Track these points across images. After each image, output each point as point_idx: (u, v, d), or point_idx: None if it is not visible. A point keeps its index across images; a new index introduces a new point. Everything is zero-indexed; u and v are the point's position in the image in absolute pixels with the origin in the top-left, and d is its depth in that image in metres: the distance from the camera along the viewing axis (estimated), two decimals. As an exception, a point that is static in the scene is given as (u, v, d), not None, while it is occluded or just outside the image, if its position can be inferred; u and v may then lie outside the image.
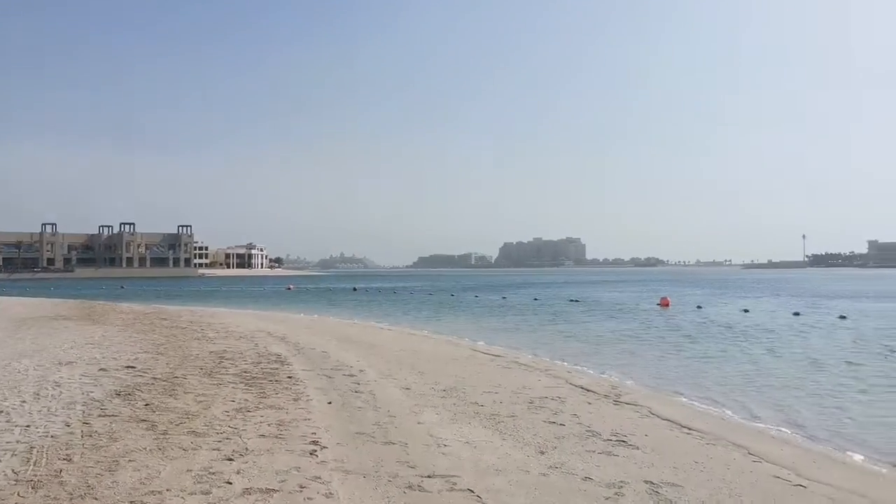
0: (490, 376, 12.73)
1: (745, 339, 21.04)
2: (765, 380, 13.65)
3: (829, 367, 15.19)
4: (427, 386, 11.05)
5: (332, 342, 17.50)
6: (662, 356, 17.43)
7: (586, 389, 11.70)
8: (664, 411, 9.96)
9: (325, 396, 9.33)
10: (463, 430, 7.91)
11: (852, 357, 16.86)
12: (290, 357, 13.50)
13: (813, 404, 11.26)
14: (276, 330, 20.38)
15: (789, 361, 16.23)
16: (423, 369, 13.12)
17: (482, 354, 16.70)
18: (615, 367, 15.46)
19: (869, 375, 14.10)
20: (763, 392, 12.39)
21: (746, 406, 11.16)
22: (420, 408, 9.06)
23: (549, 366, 15.22)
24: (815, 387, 12.83)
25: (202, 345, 15.16)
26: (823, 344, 19.82)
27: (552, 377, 13.17)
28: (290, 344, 16.23)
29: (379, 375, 11.86)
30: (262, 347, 14.95)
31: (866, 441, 8.89)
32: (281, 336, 18.26)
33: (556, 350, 18.97)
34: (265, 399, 8.85)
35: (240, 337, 17.43)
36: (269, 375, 10.88)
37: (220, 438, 6.82)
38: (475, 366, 14.22)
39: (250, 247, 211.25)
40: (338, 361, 13.42)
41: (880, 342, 20.09)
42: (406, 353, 16.01)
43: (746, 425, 9.66)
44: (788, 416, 10.37)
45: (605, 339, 21.78)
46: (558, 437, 7.84)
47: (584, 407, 10.00)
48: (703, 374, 14.43)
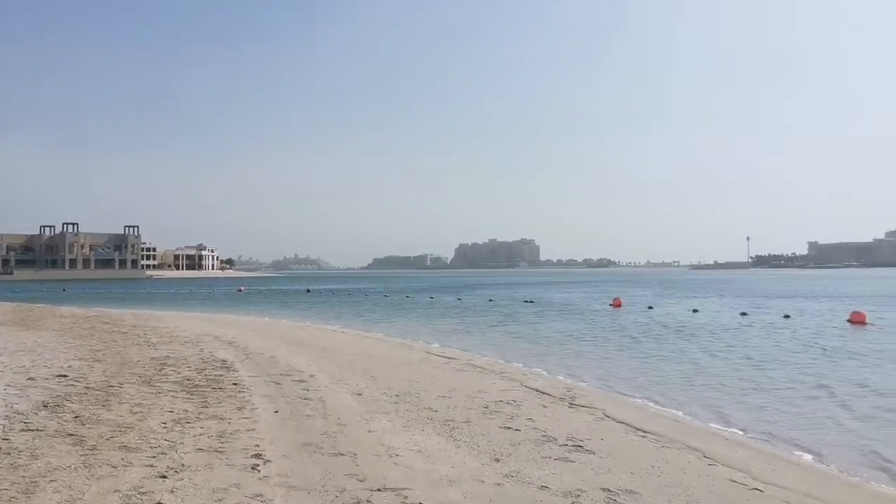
0: (444, 380, 12.48)
1: (695, 340, 21.36)
2: (715, 380, 13.78)
3: (776, 367, 15.47)
4: (379, 391, 10.72)
5: (283, 346, 16.97)
6: (616, 357, 17.49)
7: (541, 392, 11.55)
8: (619, 414, 9.87)
9: (272, 405, 8.91)
10: (416, 438, 7.62)
11: (797, 356, 17.24)
12: (237, 363, 12.97)
13: (762, 404, 11.37)
14: (223, 334, 19.69)
15: (738, 361, 16.48)
16: (376, 373, 12.77)
17: (436, 357, 16.44)
18: (570, 369, 15.42)
19: (812, 374, 14.39)
20: (714, 392, 12.47)
21: (699, 407, 11.19)
22: (372, 415, 8.74)
23: (504, 368, 15.06)
24: (764, 386, 13.00)
25: (143, 351, 14.45)
26: (770, 343, 20.26)
27: (507, 380, 12.99)
28: (238, 348, 15.65)
29: (330, 381, 11.46)
30: (207, 353, 14.35)
31: (816, 441, 8.96)
32: (229, 340, 17.62)
33: (510, 352, 18.85)
34: (207, 409, 8.38)
35: (185, 342, 16.73)
36: (213, 383, 10.37)
37: (155, 453, 6.36)
38: (429, 369, 13.94)
39: (200, 248, 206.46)
40: (287, 366, 12.95)
41: (820, 341, 20.65)
42: (359, 356, 15.63)
43: (700, 427, 9.65)
44: (740, 417, 10.42)
45: (559, 340, 21.81)
46: (514, 444, 7.62)
47: (540, 410, 9.83)
48: (656, 375, 14.50)
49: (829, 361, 16.26)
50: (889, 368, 15.13)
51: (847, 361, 16.26)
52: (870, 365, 15.64)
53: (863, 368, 15.13)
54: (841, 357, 17.04)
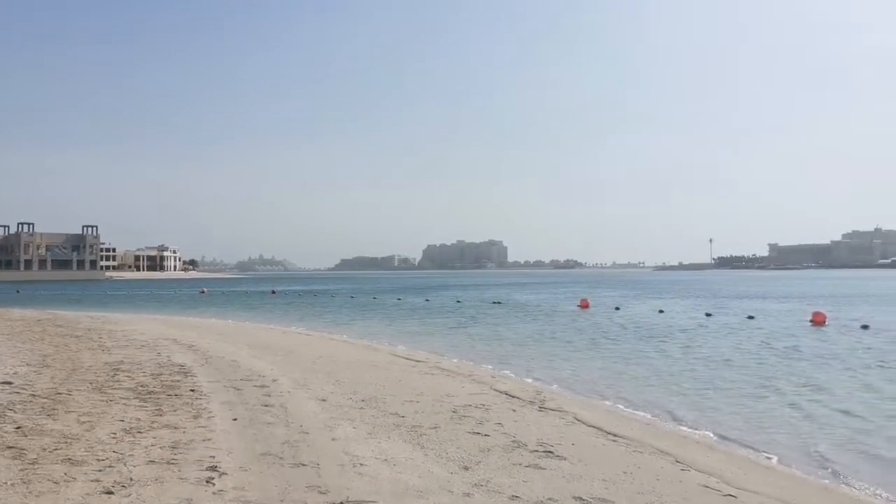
0: (411, 383, 12.20)
1: (663, 340, 21.45)
2: (683, 381, 13.76)
3: (744, 369, 15.55)
4: (344, 396, 10.38)
5: (245, 349, 16.47)
6: (584, 359, 17.42)
7: (510, 395, 11.35)
8: (589, 417, 9.72)
9: (231, 412, 8.51)
10: (382, 446, 7.32)
11: (762, 357, 17.39)
12: (196, 367, 12.48)
13: (730, 406, 11.34)
14: (183, 337, 19.08)
15: (705, 362, 16.54)
16: (341, 377, 12.43)
17: (403, 360, 16.14)
18: (539, 372, 15.27)
19: (778, 375, 14.49)
20: (682, 394, 12.43)
21: (668, 409, 11.12)
22: (336, 421, 8.41)
23: (473, 370, 14.84)
24: (732, 388, 13.01)
25: (96, 355, 13.84)
26: (734, 344, 20.43)
27: (476, 383, 12.77)
28: (198, 352, 15.11)
29: (293, 385, 11.08)
30: (164, 357, 13.80)
31: (785, 444, 8.92)
32: (188, 344, 17.04)
33: (479, 354, 18.65)
34: (161, 417, 7.95)
35: (141, 346, 16.12)
36: (169, 389, 9.90)
37: (102, 467, 5.94)
38: (396, 372, 13.64)
39: (162, 248, 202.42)
40: (249, 371, 12.51)
41: (784, 343, 20.92)
42: (324, 359, 15.24)
43: (670, 430, 9.55)
44: (709, 419, 10.37)
45: (527, 342, 21.69)
46: (483, 450, 7.38)
47: (509, 415, 9.62)
48: (625, 377, 14.44)
49: (795, 363, 16.42)
50: (849, 369, 15.32)
51: (808, 362, 16.44)
52: (834, 367, 15.84)
53: (824, 369, 15.30)
54: (807, 358, 17.23)
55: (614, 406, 11.29)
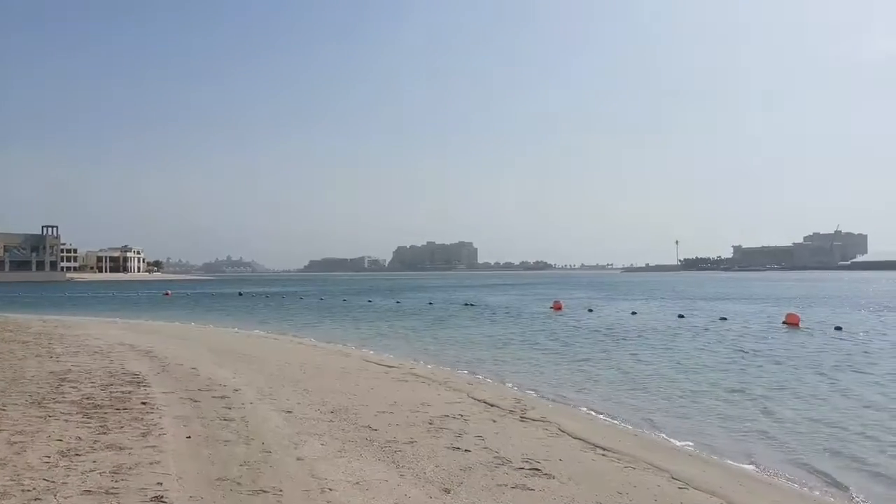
0: (384, 392, 11.50)
1: (639, 344, 21.05)
2: (666, 386, 13.29)
3: (722, 372, 15.17)
4: (312, 407, 9.64)
5: (206, 355, 15.56)
6: (562, 363, 16.88)
7: (490, 404, 10.73)
8: (575, 428, 9.14)
9: (185, 428, 7.71)
10: (353, 466, 6.62)
11: (740, 360, 17.07)
12: (151, 376, 11.58)
13: (719, 413, 10.88)
14: (141, 343, 18.04)
15: (682, 366, 16.13)
16: (309, 386, 11.66)
17: (375, 365, 15.41)
18: (517, 377, 14.68)
19: (759, 380, 14.13)
20: (667, 401, 11.95)
21: (654, 417, 10.61)
22: (302, 437, 7.67)
23: (449, 377, 14.18)
24: (715, 394, 12.58)
25: (42, 363, 12.82)
26: (711, 347, 20.13)
27: (452, 390, 12.12)
28: (155, 359, 14.17)
29: (256, 396, 10.29)
30: (117, 365, 12.85)
31: (785, 458, 8.45)
32: (145, 350, 16.06)
33: (453, 359, 18.01)
34: (105, 435, 7.11)
35: (94, 352, 15.09)
36: (119, 402, 9.04)
37: (27, 499, 5.14)
38: (368, 379, 12.92)
39: (125, 249, 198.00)
40: (209, 379, 11.66)
41: (760, 345, 20.72)
42: (291, 366, 14.44)
43: (659, 442, 9.01)
44: (697, 428, 9.88)
45: (502, 345, 21.10)
46: (464, 469, 6.74)
47: (490, 426, 8.99)
48: (604, 382, 13.92)
49: (775, 367, 16.11)
50: (831, 370, 15.06)
51: (788, 366, 16.16)
52: (817, 370, 15.57)
53: (805, 373, 15.01)
54: (786, 361, 16.96)
55: (599, 416, 10.72)
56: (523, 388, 13.26)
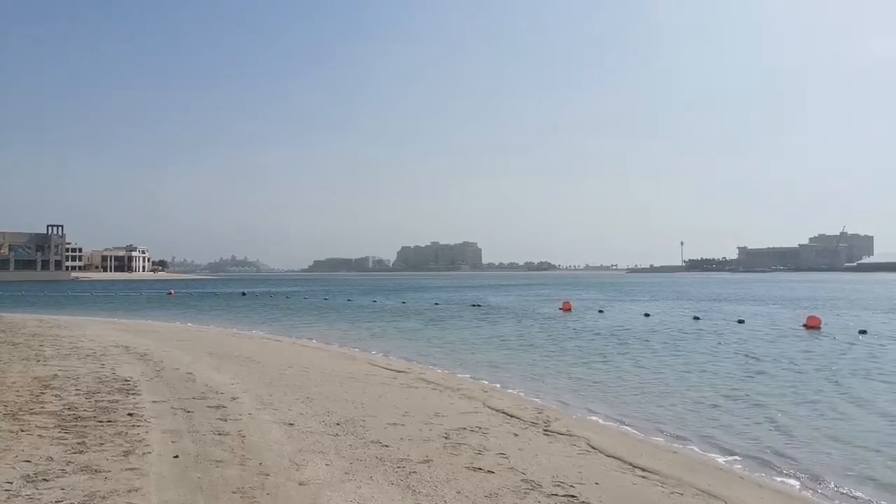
0: (394, 400, 10.66)
1: (659, 347, 20.15)
2: (697, 394, 12.40)
3: (758, 378, 14.27)
4: (316, 418, 8.80)
5: (205, 359, 14.74)
6: (582, 368, 15.99)
7: (509, 415, 9.88)
8: (605, 443, 8.27)
9: (174, 445, 6.87)
10: (362, 493, 5.77)
11: (772, 364, 16.16)
12: (143, 382, 10.75)
13: (760, 425, 9.99)
14: (138, 344, 17.24)
15: (711, 372, 15.25)
16: (313, 393, 10.83)
17: (382, 370, 14.58)
18: (534, 383, 13.82)
19: (794, 387, 13.24)
20: (701, 410, 11.05)
21: (690, 430, 9.72)
22: (305, 456, 6.83)
23: (461, 383, 13.33)
24: (755, 402, 11.68)
25: (28, 367, 12.00)
26: (733, 350, 19.22)
27: (467, 398, 11.27)
28: (150, 363, 13.35)
29: (255, 405, 9.45)
30: (109, 369, 12.03)
31: (854, 477, 7.56)
32: (141, 353, 15.25)
33: (465, 363, 17.15)
34: (81, 455, 6.28)
35: (86, 355, 14.28)
36: (103, 413, 8.21)
37: (-24, 539, 4.31)
38: (375, 386, 12.08)
39: (130, 249, 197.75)
40: (206, 386, 10.83)
41: (788, 349, 19.80)
42: (294, 370, 13.60)
43: (704, 460, 8.12)
44: (741, 443, 9.00)
45: (515, 348, 20.22)
46: (489, 495, 5.89)
47: (512, 441, 8.14)
48: (630, 390, 13.04)
49: (806, 374, 15.21)
50: (869, 379, 14.15)
51: (821, 373, 15.25)
52: (855, 377, 14.66)
53: (838, 379, 14.10)
54: (817, 368, 16.05)
55: (632, 430, 9.82)
56: (542, 395, 12.39)
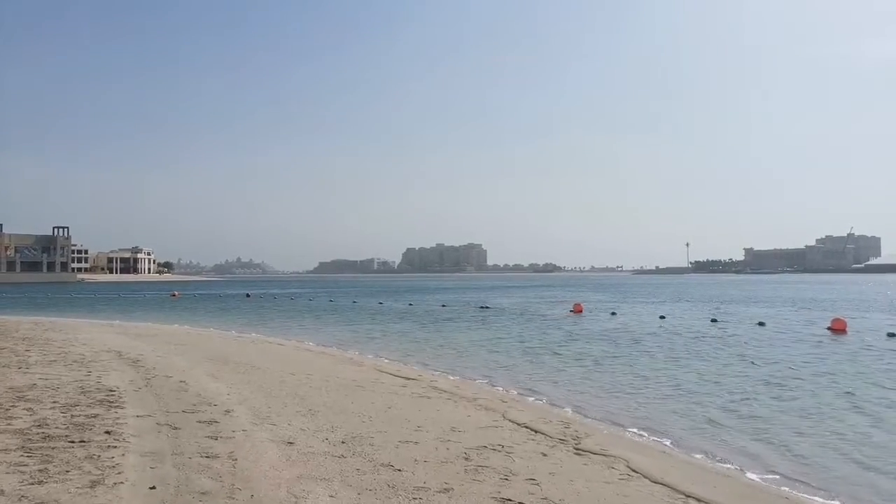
0: (405, 412, 9.68)
1: (682, 351, 19.08)
2: (738, 407, 11.35)
3: (796, 386, 13.22)
4: (319, 435, 7.82)
5: (202, 365, 13.79)
6: (604, 375, 14.95)
7: (533, 430, 8.89)
8: (649, 466, 7.26)
9: (153, 471, 5.89)
10: (373, 534, 4.79)
11: (814, 372, 15.10)
12: (129, 393, 9.79)
13: (822, 445, 8.94)
14: (132, 349, 16.30)
15: (743, 378, 14.21)
16: (316, 404, 9.86)
17: (391, 377, 13.61)
18: (555, 391, 12.81)
19: (848, 396, 12.19)
20: (749, 425, 10.02)
21: (739, 448, 8.70)
22: (305, 484, 5.84)
23: (477, 391, 12.33)
24: (806, 414, 10.65)
25: (7, 375, 11.03)
26: (764, 355, 18.15)
27: (484, 410, 10.28)
28: (141, 370, 12.40)
29: (252, 420, 8.48)
30: (94, 378, 11.07)
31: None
32: (134, 358, 14.30)
33: (478, 368, 16.16)
34: (39, 486, 5.31)
35: (73, 361, 13.33)
36: (78, 430, 7.24)
37: None
38: (384, 395, 11.10)
39: (136, 250, 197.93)
40: (199, 397, 9.87)
41: (819, 353, 18.73)
42: (296, 377, 12.64)
43: (765, 488, 7.09)
44: (802, 467, 7.98)
45: (529, 352, 19.19)
46: (525, 536, 4.90)
47: (541, 463, 7.14)
48: (662, 400, 11.99)
49: (854, 379, 14.15)
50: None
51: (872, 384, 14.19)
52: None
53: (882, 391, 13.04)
54: (865, 376, 14.99)
55: (673, 448, 8.80)
56: (566, 405, 11.39)
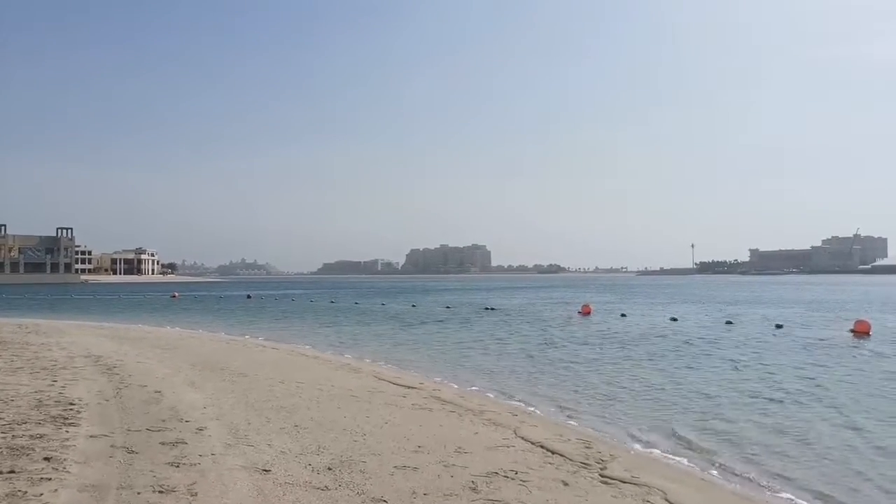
0: (404, 427, 8.55)
1: (704, 358, 17.85)
2: (782, 423, 10.18)
3: (850, 403, 12.05)
4: (302, 459, 6.68)
5: (184, 372, 12.68)
6: (622, 384, 13.75)
7: (550, 450, 7.73)
8: (690, 499, 6.11)
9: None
10: None
11: (863, 382, 13.91)
12: (92, 406, 8.67)
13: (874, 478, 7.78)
14: (113, 353, 15.21)
15: (775, 390, 13.04)
16: (303, 418, 8.73)
17: (390, 385, 12.47)
18: (571, 403, 11.62)
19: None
20: (792, 448, 8.87)
21: (781, 472, 7.56)
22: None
23: (484, 403, 11.19)
24: (858, 429, 9.49)
25: (-40, 385, 9.95)
26: (794, 363, 16.96)
27: (493, 425, 9.14)
28: (115, 378, 11.29)
29: (226, 439, 7.35)
30: (58, 388, 9.96)
31: None
32: (110, 364, 13.20)
33: (484, 375, 15.01)
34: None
35: (42, 368, 12.23)
36: (13, 455, 6.12)
37: None
38: (381, 407, 9.97)
39: (140, 252, 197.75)
40: (171, 410, 8.75)
41: (854, 361, 17.53)
42: (285, 386, 11.51)
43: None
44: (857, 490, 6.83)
45: (542, 358, 17.97)
46: None
47: (563, 495, 6.01)
48: (690, 414, 10.80)
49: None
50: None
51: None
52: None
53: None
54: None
55: (709, 471, 7.64)
56: (585, 421, 10.23)
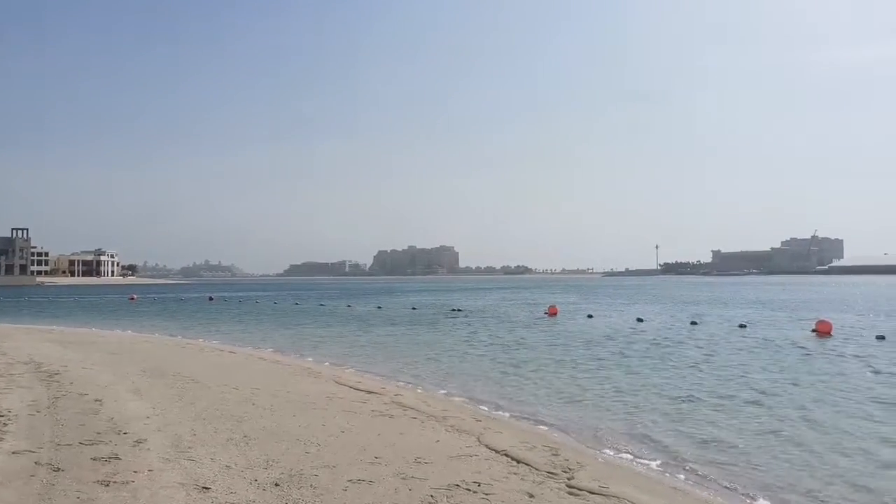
0: (361, 436, 8.08)
1: (669, 358, 17.72)
2: (740, 423, 10.00)
3: (817, 406, 11.96)
4: (248, 474, 6.17)
5: (131, 378, 12.00)
6: (590, 386, 13.47)
7: (514, 459, 7.36)
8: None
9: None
10: None
11: (823, 382, 13.88)
12: (22, 418, 8.01)
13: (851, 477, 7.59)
14: (57, 359, 14.40)
15: (739, 389, 12.91)
16: (254, 428, 8.20)
17: (350, 390, 11.99)
18: (536, 407, 11.27)
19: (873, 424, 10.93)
20: (773, 451, 8.65)
21: (763, 480, 7.31)
22: (208, 558, 4.21)
23: (447, 407, 10.78)
24: (812, 435, 9.32)
25: None
26: (758, 364, 16.95)
27: (456, 432, 8.74)
28: (53, 386, 10.58)
29: (167, 453, 6.80)
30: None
31: None
32: (53, 371, 12.43)
33: (449, 378, 14.62)
34: None
35: (-26, 376, 11.44)
36: (-82, 476, 5.50)
37: None
38: (339, 414, 9.48)
39: (99, 253, 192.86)
40: (110, 421, 8.13)
41: (809, 360, 17.61)
42: (239, 392, 10.94)
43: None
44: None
45: (508, 361, 17.62)
46: None
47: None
48: (660, 416, 10.55)
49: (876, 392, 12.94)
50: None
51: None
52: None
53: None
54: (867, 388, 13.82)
55: (668, 474, 7.37)
56: (552, 425, 9.89)
